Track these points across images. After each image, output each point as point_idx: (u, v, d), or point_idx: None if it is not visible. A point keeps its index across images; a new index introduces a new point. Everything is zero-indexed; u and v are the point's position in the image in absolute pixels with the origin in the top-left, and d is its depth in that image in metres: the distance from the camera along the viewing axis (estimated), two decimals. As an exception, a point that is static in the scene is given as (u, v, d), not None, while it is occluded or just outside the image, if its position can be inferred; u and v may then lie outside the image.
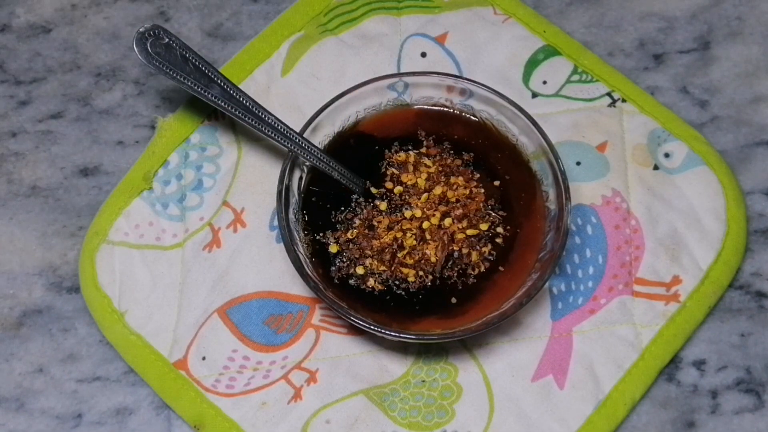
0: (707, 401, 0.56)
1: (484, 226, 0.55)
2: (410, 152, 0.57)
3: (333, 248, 0.54)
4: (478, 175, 0.56)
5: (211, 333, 0.56)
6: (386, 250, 0.54)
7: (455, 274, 0.54)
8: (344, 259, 0.54)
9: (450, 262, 0.54)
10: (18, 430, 0.55)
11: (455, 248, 0.54)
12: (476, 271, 0.54)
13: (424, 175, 0.56)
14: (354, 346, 0.56)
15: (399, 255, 0.54)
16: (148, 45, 0.53)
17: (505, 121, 0.57)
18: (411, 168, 0.56)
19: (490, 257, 0.54)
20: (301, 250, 0.54)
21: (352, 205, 0.55)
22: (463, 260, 0.54)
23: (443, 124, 0.58)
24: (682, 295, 0.57)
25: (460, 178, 0.56)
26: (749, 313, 0.57)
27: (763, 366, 0.56)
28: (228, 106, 0.55)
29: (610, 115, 0.61)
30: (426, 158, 0.57)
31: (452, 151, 0.57)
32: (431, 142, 0.57)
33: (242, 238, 0.58)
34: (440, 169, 0.56)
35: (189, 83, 0.54)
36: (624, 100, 0.61)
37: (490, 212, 0.55)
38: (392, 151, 0.57)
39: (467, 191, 0.56)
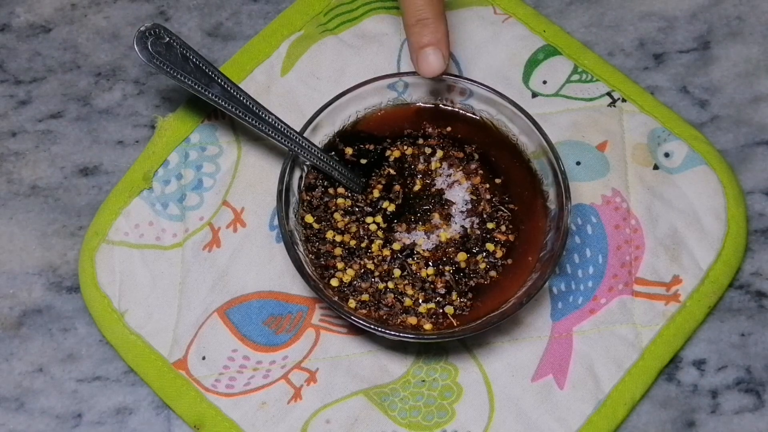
0: (707, 401, 0.55)
1: (490, 225, 0.55)
2: (410, 148, 0.57)
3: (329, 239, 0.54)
4: (481, 172, 0.56)
5: (210, 333, 0.56)
6: (384, 294, 0.53)
7: (456, 275, 0.54)
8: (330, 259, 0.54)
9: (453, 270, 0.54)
10: (18, 430, 0.55)
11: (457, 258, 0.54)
12: (477, 270, 0.54)
13: (424, 169, 0.56)
14: (354, 346, 0.56)
15: (404, 300, 0.53)
16: (149, 44, 0.53)
17: (505, 121, 0.57)
18: (410, 166, 0.56)
19: (491, 257, 0.54)
20: (301, 250, 0.54)
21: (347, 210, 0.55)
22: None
23: (443, 123, 0.58)
24: (682, 295, 0.56)
25: (462, 175, 0.56)
26: (749, 313, 0.57)
27: (763, 366, 0.56)
28: (228, 105, 0.55)
29: (610, 114, 0.61)
30: (427, 148, 0.57)
31: (455, 146, 0.57)
32: (435, 131, 0.57)
33: (242, 237, 0.58)
34: (440, 164, 0.56)
35: (189, 82, 0.54)
36: (624, 100, 0.61)
37: (499, 208, 0.55)
38: (392, 149, 0.57)
39: (469, 189, 0.56)
